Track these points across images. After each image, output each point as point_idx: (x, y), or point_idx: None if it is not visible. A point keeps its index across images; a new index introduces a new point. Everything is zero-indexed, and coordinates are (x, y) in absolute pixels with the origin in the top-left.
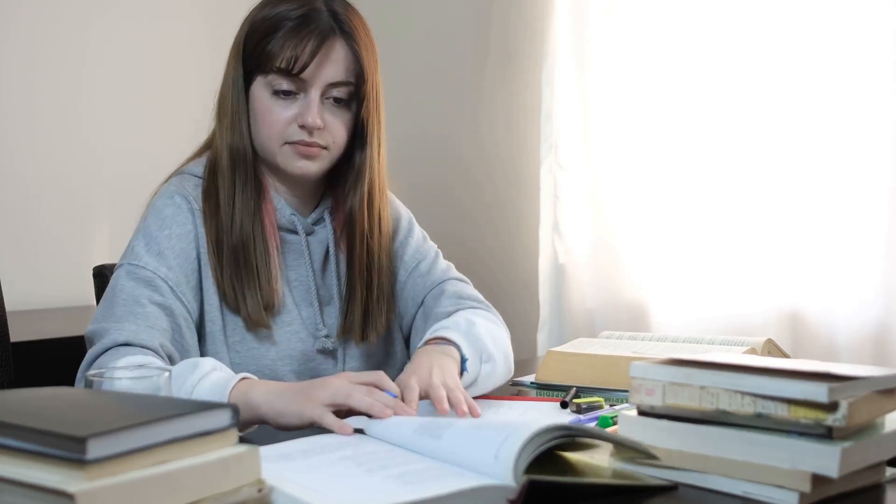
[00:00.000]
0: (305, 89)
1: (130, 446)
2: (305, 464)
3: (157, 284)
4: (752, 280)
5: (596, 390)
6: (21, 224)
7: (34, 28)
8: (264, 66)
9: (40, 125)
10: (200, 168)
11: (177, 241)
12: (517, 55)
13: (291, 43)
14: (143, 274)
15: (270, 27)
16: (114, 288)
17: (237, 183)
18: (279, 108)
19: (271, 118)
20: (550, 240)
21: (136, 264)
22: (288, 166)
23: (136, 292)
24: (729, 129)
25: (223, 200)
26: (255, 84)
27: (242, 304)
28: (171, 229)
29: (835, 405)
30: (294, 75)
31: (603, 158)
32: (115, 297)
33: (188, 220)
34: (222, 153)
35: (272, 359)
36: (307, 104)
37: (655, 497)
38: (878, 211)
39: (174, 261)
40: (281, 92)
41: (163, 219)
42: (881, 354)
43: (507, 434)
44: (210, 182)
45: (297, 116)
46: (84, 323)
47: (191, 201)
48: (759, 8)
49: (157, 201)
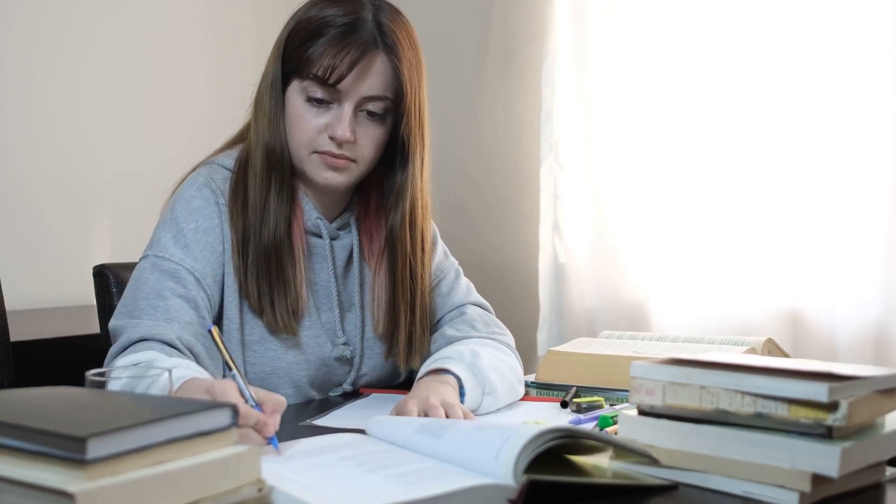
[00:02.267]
0: (340, 100)
1: (130, 446)
2: (305, 464)
3: (181, 276)
4: (752, 280)
5: (596, 390)
6: (21, 224)
7: (34, 28)
8: (302, 71)
9: (40, 125)
10: (231, 161)
11: (203, 234)
12: (517, 55)
13: (331, 52)
14: (169, 266)
15: (313, 31)
16: (138, 280)
17: (273, 184)
18: (311, 116)
19: (302, 125)
20: (550, 239)
21: (162, 256)
22: (314, 175)
23: (159, 285)
24: (729, 129)
25: (252, 199)
26: (292, 87)
27: (268, 308)
28: (198, 222)
29: (835, 405)
30: (329, 85)
31: (603, 158)
32: (138, 290)
33: (215, 214)
34: (256, 151)
35: (289, 362)
36: (339, 116)
37: (655, 497)
38: (878, 211)
39: (200, 253)
40: (315, 99)
41: (191, 211)
42: (881, 354)
43: (508, 435)
44: (240, 178)
45: (327, 126)
46: (84, 323)
47: (218, 195)
48: (759, 8)
49: (186, 191)
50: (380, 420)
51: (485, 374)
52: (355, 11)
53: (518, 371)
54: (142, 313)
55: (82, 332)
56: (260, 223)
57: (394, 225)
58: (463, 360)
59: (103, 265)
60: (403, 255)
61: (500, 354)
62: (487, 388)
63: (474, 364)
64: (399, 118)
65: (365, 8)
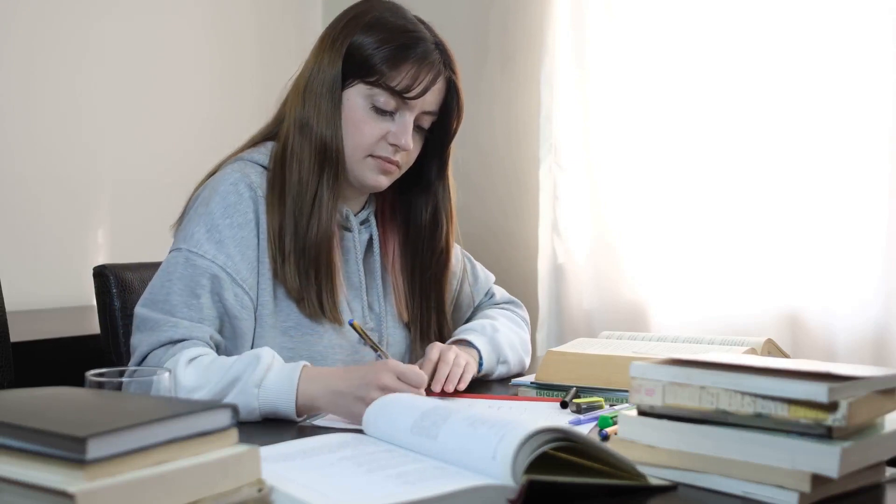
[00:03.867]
0: (402, 111)
1: (130, 446)
2: (305, 464)
3: (214, 273)
4: (751, 280)
5: (596, 390)
6: (21, 224)
7: (34, 28)
8: (370, 78)
9: (40, 125)
10: (261, 156)
11: (238, 230)
12: (516, 56)
13: (412, 71)
14: (202, 263)
15: (390, 46)
16: (170, 273)
17: (324, 178)
18: (374, 122)
19: (365, 129)
20: (550, 240)
21: (196, 252)
22: (363, 177)
23: (192, 282)
24: (728, 130)
25: (298, 192)
26: (353, 90)
27: (313, 297)
28: (232, 218)
29: (835, 405)
30: (403, 99)
31: (602, 159)
32: (171, 283)
33: (250, 209)
34: (305, 145)
35: (325, 346)
36: (403, 126)
37: (655, 497)
38: (877, 211)
39: (234, 249)
40: (380, 107)
41: (226, 206)
42: (880, 355)
43: (502, 433)
44: (276, 172)
45: (388, 134)
46: (84, 323)
47: (255, 189)
48: (759, 8)
49: (221, 187)
50: (375, 414)
51: (501, 347)
52: (419, 31)
53: (527, 344)
54: (176, 310)
55: (82, 333)
56: (308, 216)
57: (423, 222)
58: (485, 333)
59: (103, 265)
60: (424, 249)
61: (517, 329)
62: (501, 359)
63: (493, 338)
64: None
65: (421, 27)
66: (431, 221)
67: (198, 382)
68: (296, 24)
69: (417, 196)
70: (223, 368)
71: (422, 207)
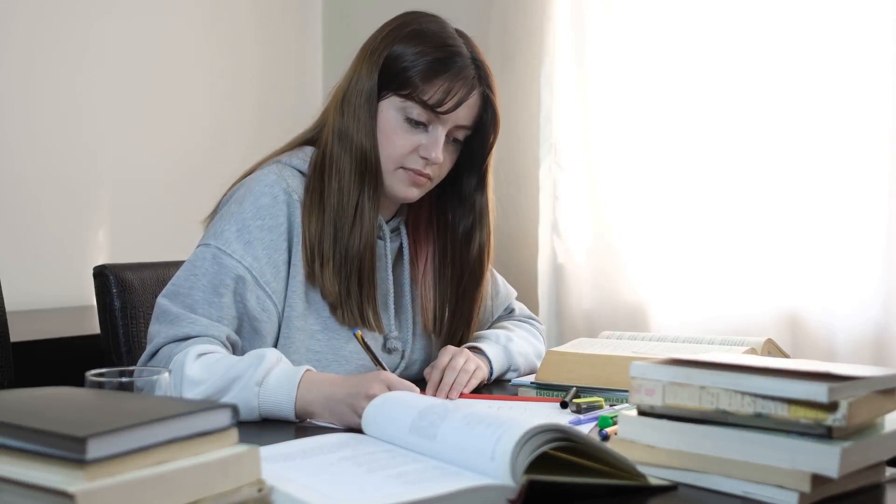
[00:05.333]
0: (435, 124)
1: (130, 446)
2: (305, 464)
3: (239, 273)
4: (751, 280)
5: (596, 390)
6: (21, 224)
7: (34, 28)
8: (404, 91)
9: (40, 125)
10: (301, 162)
11: (268, 232)
12: (516, 55)
13: (444, 85)
14: (229, 262)
15: (422, 58)
16: (197, 267)
17: (366, 189)
18: (406, 134)
19: (397, 141)
20: (549, 240)
21: (224, 250)
22: (395, 189)
23: (216, 280)
24: (728, 130)
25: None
26: (388, 101)
27: (354, 305)
28: (264, 220)
29: (835, 405)
30: (435, 113)
31: (602, 158)
32: (196, 279)
33: (283, 213)
34: (344, 155)
35: (350, 350)
36: (434, 139)
37: (655, 497)
38: (877, 211)
39: (262, 251)
40: (413, 120)
41: (259, 208)
42: (880, 355)
43: (499, 433)
44: (316, 179)
45: (420, 147)
46: (84, 323)
47: (290, 193)
48: (759, 8)
49: (256, 188)
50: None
51: (513, 355)
52: (457, 45)
53: (541, 355)
54: (197, 306)
55: (82, 333)
56: (351, 225)
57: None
58: (498, 342)
59: (103, 265)
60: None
61: (531, 339)
62: (513, 367)
63: (507, 347)
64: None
65: (459, 41)
66: (467, 235)
67: (202, 377)
68: (296, 24)
69: (455, 209)
70: (227, 366)
71: (458, 220)
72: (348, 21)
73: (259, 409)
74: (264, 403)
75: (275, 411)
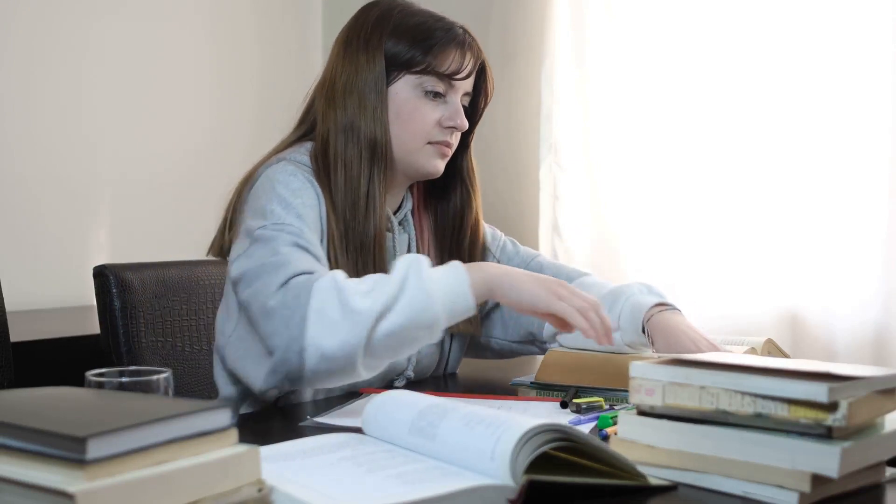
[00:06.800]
0: (451, 94)
1: (130, 446)
2: (305, 464)
3: (307, 237)
4: (752, 280)
5: (596, 390)
6: (21, 224)
7: (34, 28)
8: (417, 68)
9: (40, 125)
10: (301, 156)
11: (310, 209)
12: (516, 55)
13: (458, 52)
14: (291, 229)
15: (425, 35)
16: (267, 245)
17: (375, 177)
18: (428, 109)
19: (421, 117)
20: (550, 240)
21: (280, 223)
22: (425, 164)
23: (290, 242)
24: (729, 130)
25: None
26: (400, 83)
27: None
28: (303, 199)
29: (835, 405)
30: (453, 80)
31: (603, 158)
32: (268, 244)
33: (314, 195)
34: (352, 144)
35: None
36: (455, 107)
37: (655, 497)
38: (877, 211)
39: (312, 224)
40: (433, 93)
41: (293, 189)
42: (880, 355)
43: (499, 434)
44: (322, 172)
45: (442, 118)
46: (84, 323)
47: (312, 181)
48: (759, 8)
49: (279, 176)
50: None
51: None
52: (448, 21)
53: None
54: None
55: (82, 333)
56: (364, 213)
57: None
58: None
59: (103, 265)
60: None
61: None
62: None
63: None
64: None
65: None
66: (462, 202)
67: (367, 287)
68: (296, 24)
69: (446, 180)
70: (383, 276)
71: (451, 191)
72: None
73: (440, 299)
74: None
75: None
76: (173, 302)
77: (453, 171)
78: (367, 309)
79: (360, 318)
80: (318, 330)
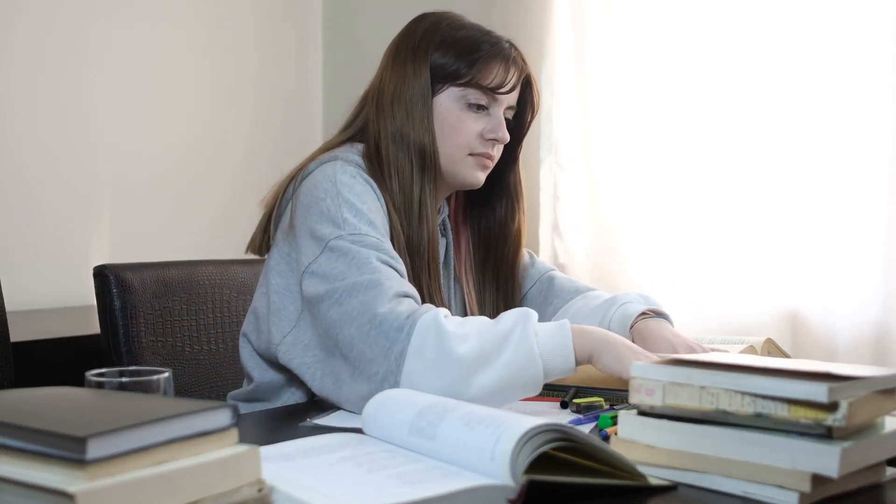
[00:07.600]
0: (494, 107)
1: (130, 446)
2: (305, 464)
3: (386, 250)
4: (752, 280)
5: (596, 390)
6: (21, 224)
7: (34, 28)
8: (462, 80)
9: (41, 125)
10: (355, 156)
11: (377, 213)
12: None
13: (502, 66)
14: (370, 241)
15: (471, 49)
16: (340, 253)
17: (426, 184)
18: (471, 121)
19: (464, 128)
20: (550, 239)
21: (357, 233)
22: (466, 175)
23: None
24: (729, 130)
25: (404, 197)
26: (445, 94)
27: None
28: (368, 204)
29: (835, 405)
30: (497, 94)
31: (603, 158)
32: (351, 258)
33: (377, 197)
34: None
35: None
36: (497, 120)
37: (655, 497)
38: (877, 211)
39: (382, 229)
40: (476, 105)
41: (358, 194)
42: (881, 355)
43: (499, 433)
44: (377, 173)
45: (484, 130)
46: (84, 323)
47: (372, 182)
48: (759, 8)
49: (341, 177)
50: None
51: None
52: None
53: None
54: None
55: (82, 333)
56: (418, 222)
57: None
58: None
59: (103, 265)
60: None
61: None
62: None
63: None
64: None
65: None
66: (507, 214)
67: (464, 331)
68: (296, 24)
69: (492, 191)
70: (487, 322)
71: (496, 202)
72: (348, 21)
73: (540, 356)
74: (544, 351)
75: (552, 359)
76: (173, 302)
77: (500, 185)
78: (463, 356)
79: (457, 364)
80: (414, 367)
